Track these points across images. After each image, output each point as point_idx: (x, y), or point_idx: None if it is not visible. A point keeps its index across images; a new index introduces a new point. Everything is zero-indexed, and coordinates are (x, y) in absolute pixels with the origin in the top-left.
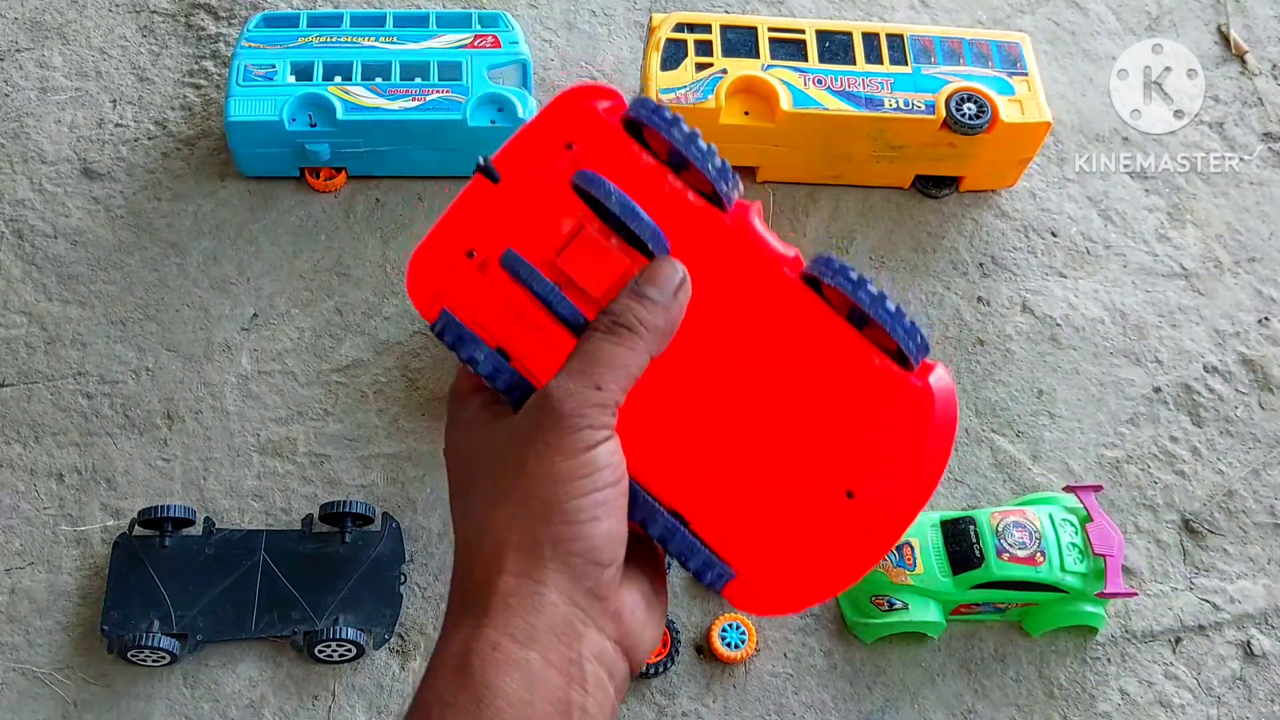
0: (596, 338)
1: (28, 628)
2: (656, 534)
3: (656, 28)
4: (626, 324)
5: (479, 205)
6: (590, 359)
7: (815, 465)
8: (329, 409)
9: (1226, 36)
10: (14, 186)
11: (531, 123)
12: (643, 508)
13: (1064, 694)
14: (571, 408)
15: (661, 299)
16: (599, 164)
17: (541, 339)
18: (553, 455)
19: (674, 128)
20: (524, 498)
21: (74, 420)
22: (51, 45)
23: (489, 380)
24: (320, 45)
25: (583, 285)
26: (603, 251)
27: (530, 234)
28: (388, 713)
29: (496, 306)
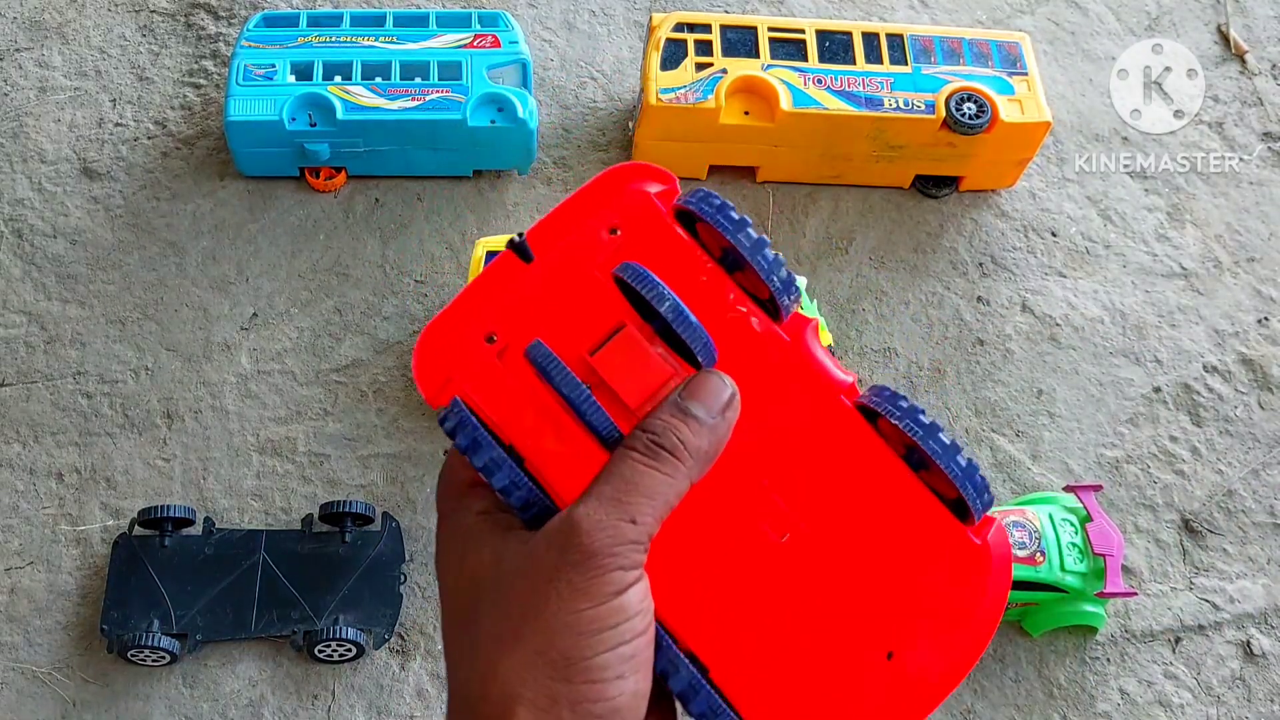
0: (633, 459)
1: (27, 627)
2: (678, 689)
3: (656, 27)
4: (668, 446)
5: (506, 285)
6: (625, 485)
7: (855, 619)
8: (329, 409)
9: (1226, 36)
10: (13, 186)
11: (573, 199)
12: (665, 654)
13: (1063, 694)
14: (603, 544)
15: (708, 419)
16: (646, 255)
17: (565, 448)
18: (578, 600)
19: (741, 231)
20: (542, 648)
21: (73, 420)
22: (51, 45)
23: (503, 494)
24: (320, 45)
25: (618, 392)
26: (644, 356)
27: (562, 325)
28: (387, 713)
29: (515, 402)
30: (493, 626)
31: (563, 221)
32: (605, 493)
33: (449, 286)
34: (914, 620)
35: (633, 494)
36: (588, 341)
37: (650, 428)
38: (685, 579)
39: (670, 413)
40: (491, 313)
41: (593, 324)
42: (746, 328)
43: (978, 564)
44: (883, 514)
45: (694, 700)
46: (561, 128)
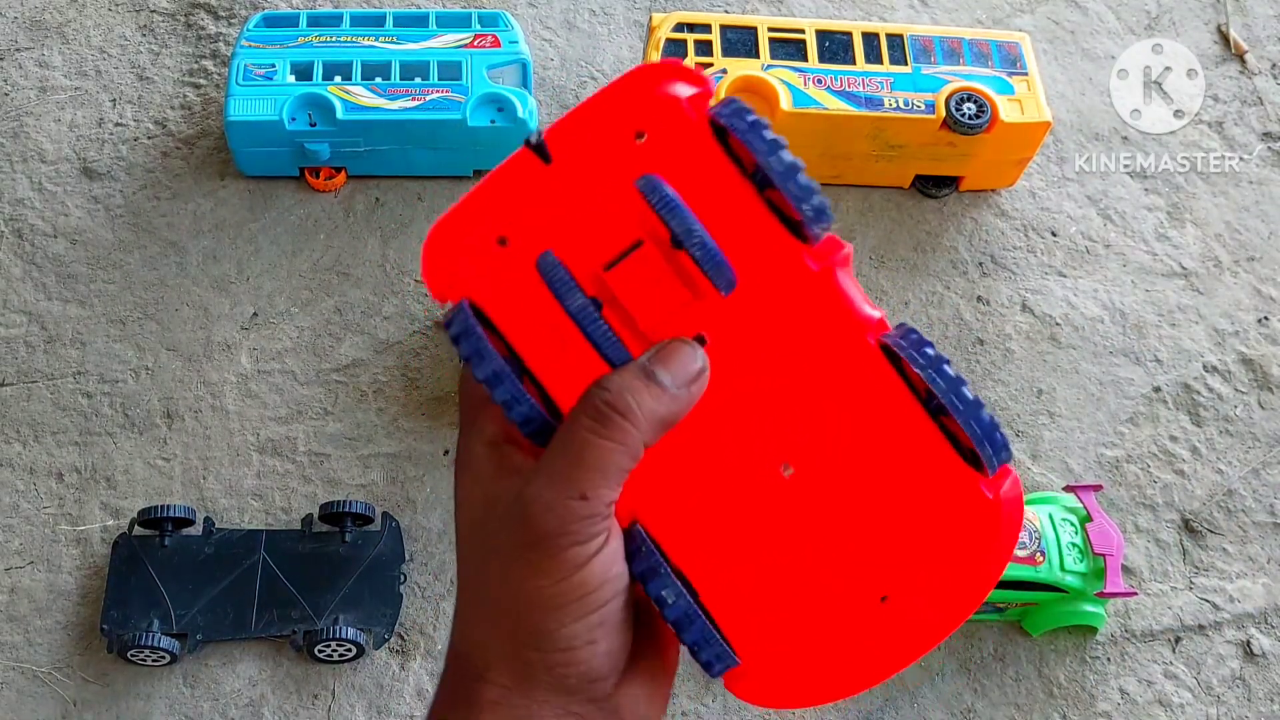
0: (583, 426)
1: (27, 627)
2: (653, 594)
3: (656, 27)
4: (621, 408)
5: (522, 186)
6: (575, 459)
7: (854, 559)
8: (329, 408)
9: (1226, 36)
10: (14, 186)
11: (597, 98)
12: (645, 559)
13: (1063, 693)
14: (554, 525)
15: (672, 387)
16: (673, 166)
17: (573, 363)
18: (539, 578)
19: (773, 154)
20: (512, 619)
21: (74, 419)
22: (51, 44)
23: (503, 408)
24: (320, 45)
25: (631, 312)
26: (661, 276)
27: (578, 235)
28: (387, 712)
29: (524, 310)
30: (475, 586)
31: (585, 122)
32: (555, 468)
33: None
34: (914, 566)
35: (582, 468)
36: (604, 254)
37: (607, 385)
38: (680, 498)
39: (633, 375)
40: (505, 214)
41: (611, 236)
42: (771, 253)
43: (987, 518)
44: (894, 457)
45: (668, 607)
46: None
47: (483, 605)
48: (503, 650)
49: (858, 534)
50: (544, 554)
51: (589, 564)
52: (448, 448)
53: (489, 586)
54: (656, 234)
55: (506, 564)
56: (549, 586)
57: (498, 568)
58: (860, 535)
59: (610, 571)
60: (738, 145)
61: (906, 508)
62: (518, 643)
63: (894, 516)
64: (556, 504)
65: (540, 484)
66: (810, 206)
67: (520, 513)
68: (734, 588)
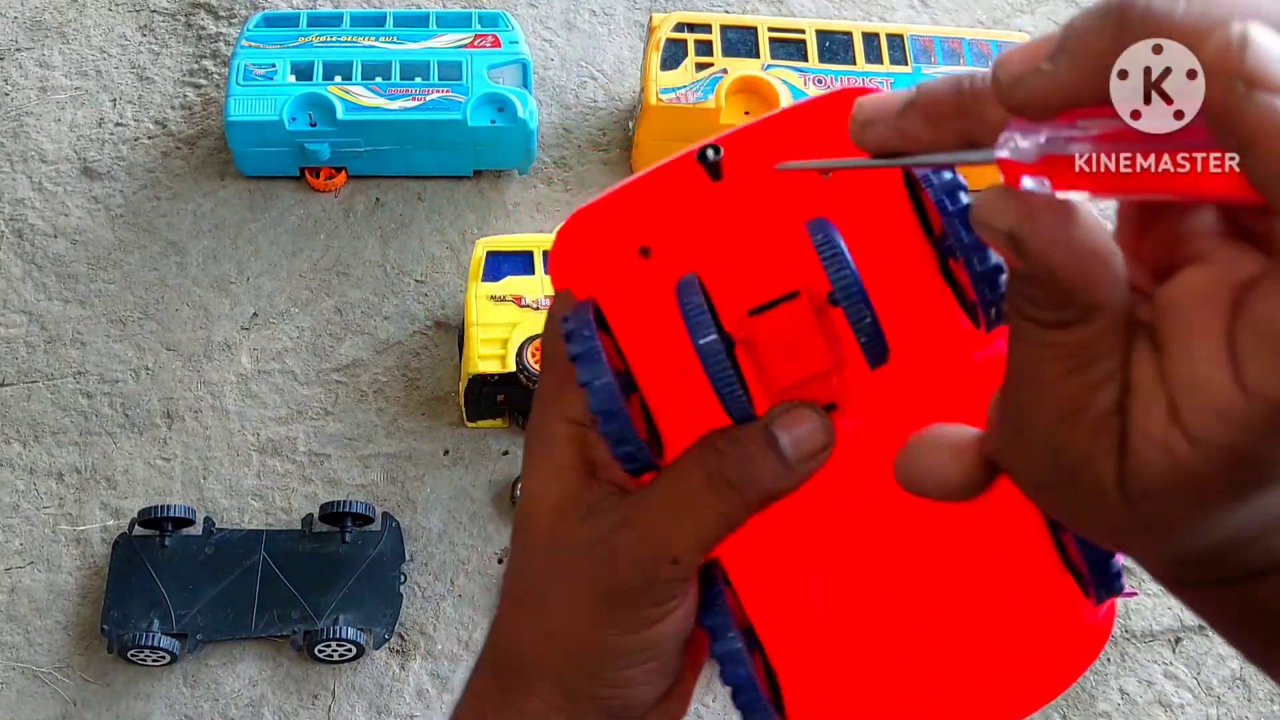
0: (690, 488)
1: (27, 627)
2: (717, 654)
3: (656, 27)
4: (734, 479)
5: (680, 197)
6: (674, 521)
7: (932, 646)
8: (329, 408)
9: None
10: (14, 186)
11: (782, 115)
12: (717, 615)
13: (1064, 694)
14: (638, 583)
15: (792, 459)
16: (851, 210)
17: (686, 393)
18: (609, 626)
19: (962, 224)
20: (572, 650)
21: (74, 419)
22: (51, 44)
23: (609, 439)
24: (320, 45)
25: (765, 364)
26: (808, 336)
27: (729, 266)
28: (387, 712)
29: (650, 326)
30: (535, 596)
31: (765, 141)
32: (651, 525)
33: (449, 286)
34: (994, 662)
35: (680, 535)
36: (752, 294)
37: (724, 449)
38: (769, 549)
39: (753, 440)
40: (655, 222)
41: (764, 275)
42: (935, 333)
43: (1087, 641)
44: (1005, 562)
45: (728, 668)
46: (561, 128)
47: (537, 619)
48: (553, 671)
49: (943, 624)
50: (619, 608)
51: (660, 624)
52: (448, 447)
53: (550, 606)
54: (812, 283)
55: (575, 597)
56: (614, 637)
57: (565, 595)
58: (946, 626)
59: (679, 629)
60: (929, 203)
61: (1006, 615)
62: (570, 669)
63: (991, 619)
64: (645, 563)
65: (634, 536)
66: (989, 289)
67: (606, 560)
68: (804, 650)
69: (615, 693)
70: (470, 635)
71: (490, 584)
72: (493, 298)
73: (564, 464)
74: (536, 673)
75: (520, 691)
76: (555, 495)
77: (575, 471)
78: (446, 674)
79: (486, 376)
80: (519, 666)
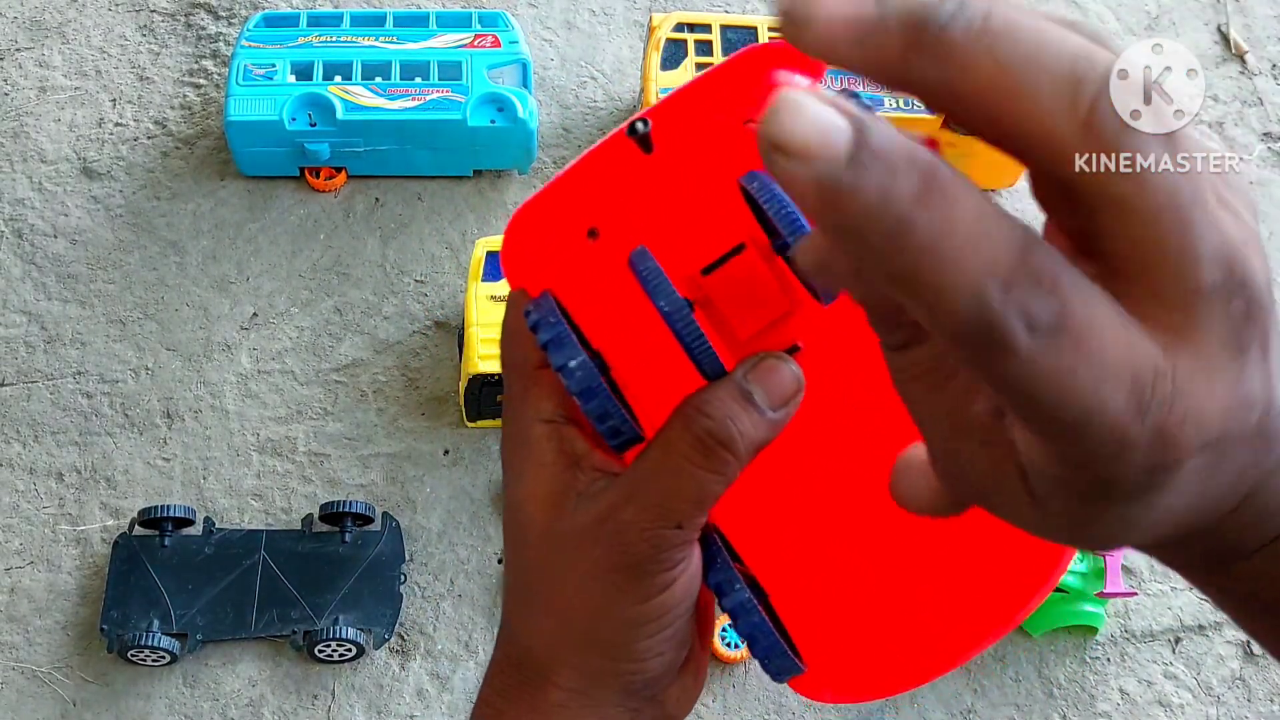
0: (681, 454)
1: (27, 627)
2: (727, 607)
3: (656, 27)
4: (723, 438)
5: (617, 175)
6: (671, 488)
7: (921, 561)
8: (329, 408)
9: (1226, 36)
10: (14, 186)
11: (702, 81)
12: (721, 571)
13: (1063, 694)
14: (647, 552)
15: (769, 411)
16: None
17: (654, 365)
18: (623, 598)
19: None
20: (588, 629)
21: (74, 419)
22: (51, 44)
23: (578, 398)
24: (320, 45)
25: (728, 318)
26: (763, 284)
27: (675, 233)
28: (387, 712)
29: (608, 306)
30: (542, 587)
31: (689, 107)
32: (651, 496)
33: (449, 286)
34: (977, 567)
35: (680, 498)
36: (702, 255)
37: (709, 412)
38: (755, 501)
39: (732, 397)
40: (597, 203)
41: (710, 237)
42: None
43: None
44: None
45: (742, 619)
46: (561, 128)
47: (549, 609)
48: (571, 656)
49: (928, 537)
50: (633, 578)
51: (672, 586)
52: (447, 447)
53: (560, 593)
54: (757, 236)
55: (586, 578)
56: (631, 607)
57: (574, 579)
58: (929, 538)
59: (689, 587)
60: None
61: (972, 538)
62: (588, 650)
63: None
64: (653, 532)
65: (635, 510)
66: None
67: (612, 536)
68: (803, 589)
69: (635, 666)
70: (470, 635)
71: (490, 584)
72: (493, 298)
73: (546, 460)
74: (554, 662)
75: (538, 684)
76: (544, 490)
77: (558, 466)
78: (446, 674)
79: (486, 376)
80: (535, 659)
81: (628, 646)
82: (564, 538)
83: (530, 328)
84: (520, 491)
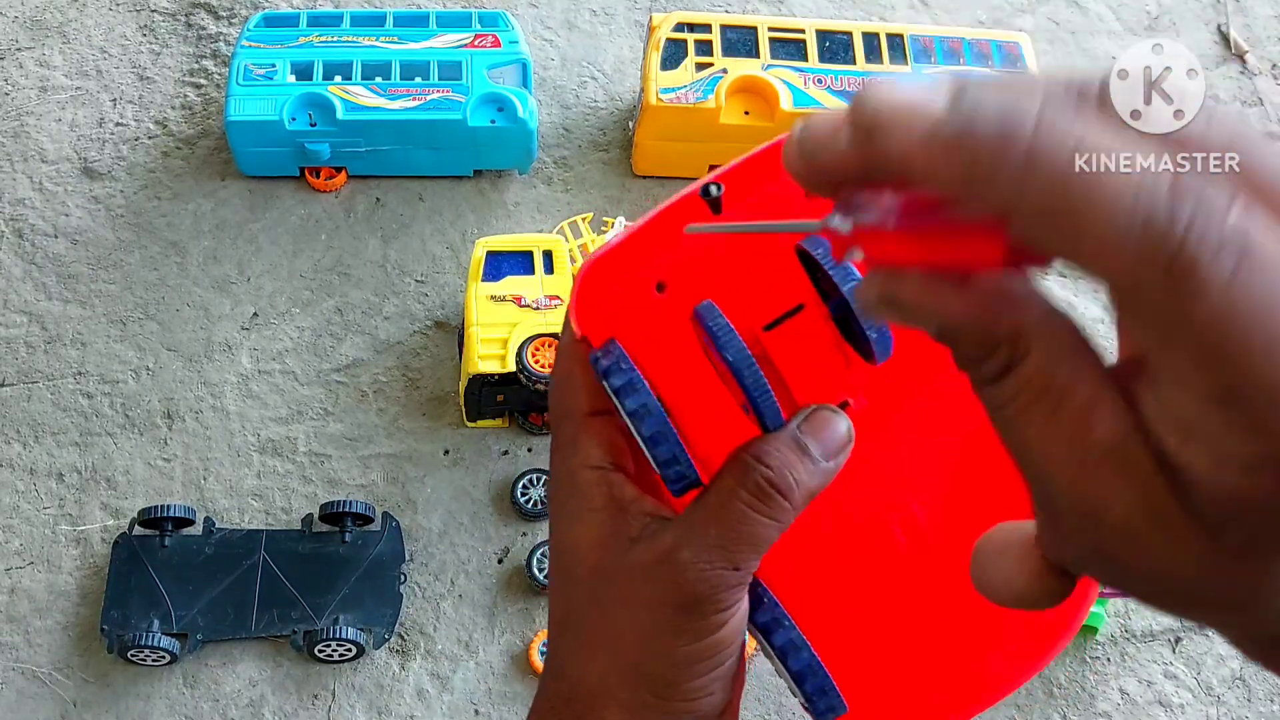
0: (741, 500)
1: (27, 627)
2: (777, 645)
3: (656, 27)
4: (781, 487)
5: (687, 234)
6: (731, 532)
7: (954, 613)
8: (329, 408)
9: (1226, 36)
10: (14, 185)
11: (771, 149)
12: (768, 611)
13: (1064, 694)
14: (705, 591)
15: (821, 460)
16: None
17: (707, 415)
18: (678, 637)
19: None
20: (640, 666)
21: (74, 420)
22: (52, 44)
23: (646, 443)
24: (320, 45)
25: (785, 377)
26: (820, 344)
27: (738, 291)
28: (387, 713)
29: (672, 356)
30: (593, 623)
31: (756, 174)
32: (709, 537)
33: (450, 286)
34: (1001, 623)
35: (739, 542)
36: (762, 313)
37: (766, 460)
38: (798, 551)
39: (788, 447)
40: (666, 259)
41: (771, 297)
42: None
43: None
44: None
45: (791, 657)
46: (562, 128)
47: (600, 644)
48: (621, 691)
49: (958, 585)
50: (688, 616)
51: (725, 626)
52: (448, 447)
53: (613, 629)
54: (815, 297)
55: (639, 615)
56: (685, 645)
57: (628, 616)
58: (959, 586)
59: (739, 632)
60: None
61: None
62: (639, 685)
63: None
64: (712, 574)
65: (694, 550)
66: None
67: (671, 575)
68: (841, 638)
69: (685, 706)
70: (470, 635)
71: (490, 584)
72: (493, 298)
73: (596, 505)
74: (603, 698)
75: (586, 709)
76: (596, 532)
77: (608, 511)
78: (447, 674)
79: (486, 376)
80: (584, 696)
81: (678, 685)
82: (618, 575)
83: (600, 373)
84: (570, 534)
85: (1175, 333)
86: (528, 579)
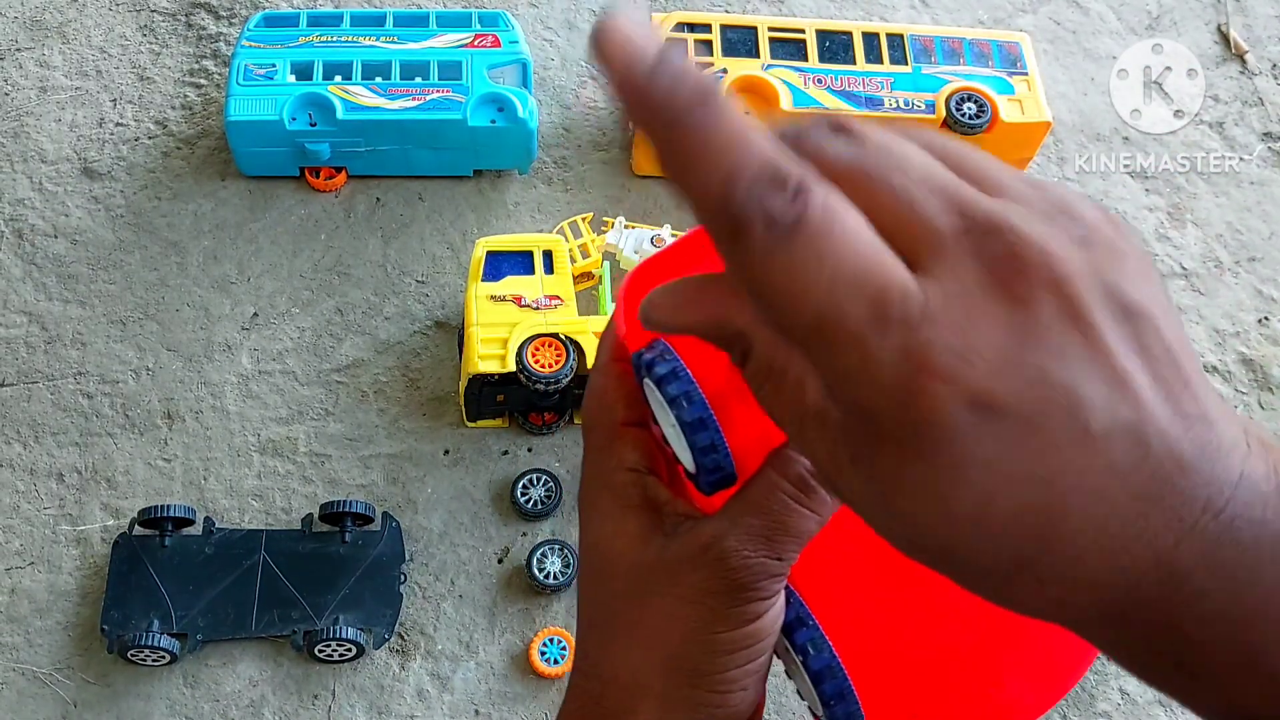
0: (785, 491)
1: (28, 628)
2: (799, 643)
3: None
4: (821, 481)
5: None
6: (775, 523)
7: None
8: (329, 409)
9: (1226, 36)
10: (14, 186)
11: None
12: (793, 609)
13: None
14: (749, 579)
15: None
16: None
17: (739, 420)
18: (717, 624)
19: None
20: (676, 655)
21: (74, 420)
22: (52, 44)
23: (689, 429)
24: (320, 45)
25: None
26: None
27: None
28: (387, 712)
29: (713, 359)
30: (629, 616)
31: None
32: (754, 527)
33: (450, 286)
34: (1024, 646)
35: (782, 532)
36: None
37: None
38: (823, 555)
39: None
40: (708, 268)
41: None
42: None
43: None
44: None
45: (813, 656)
46: (562, 128)
47: (636, 637)
48: (656, 682)
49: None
50: (731, 603)
51: (763, 617)
52: (448, 448)
53: (650, 620)
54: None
55: (678, 606)
56: (725, 632)
57: (666, 608)
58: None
59: (774, 624)
60: None
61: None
62: (674, 675)
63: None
64: (755, 562)
65: (738, 538)
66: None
67: (714, 562)
68: (863, 648)
69: (719, 698)
70: (471, 635)
71: (490, 584)
72: (493, 298)
73: (631, 504)
74: (638, 693)
75: (624, 713)
76: (633, 527)
77: (644, 509)
78: (447, 674)
79: (486, 376)
80: (617, 691)
81: (714, 675)
82: (656, 568)
83: (644, 366)
84: (604, 530)
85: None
86: (528, 579)
